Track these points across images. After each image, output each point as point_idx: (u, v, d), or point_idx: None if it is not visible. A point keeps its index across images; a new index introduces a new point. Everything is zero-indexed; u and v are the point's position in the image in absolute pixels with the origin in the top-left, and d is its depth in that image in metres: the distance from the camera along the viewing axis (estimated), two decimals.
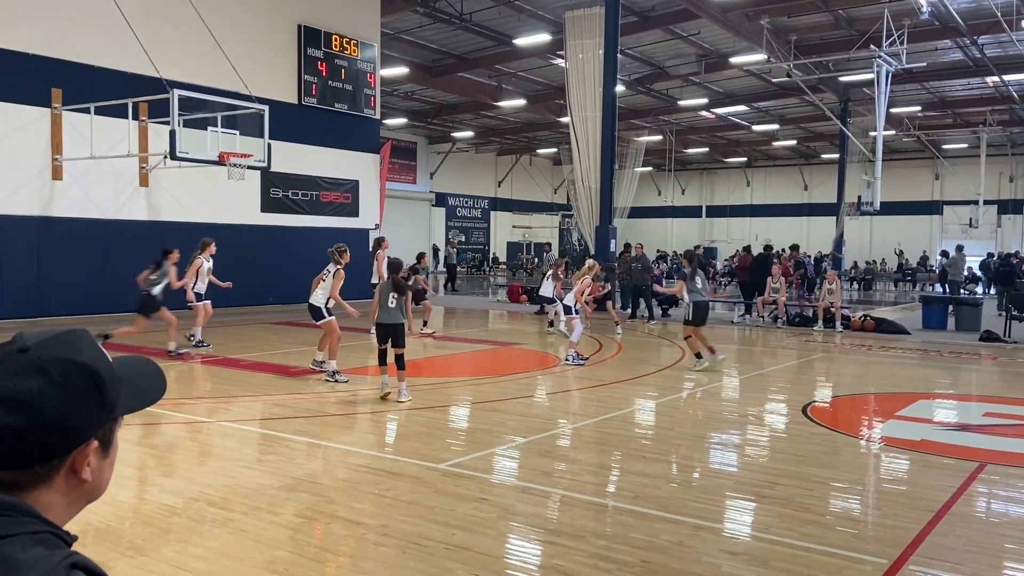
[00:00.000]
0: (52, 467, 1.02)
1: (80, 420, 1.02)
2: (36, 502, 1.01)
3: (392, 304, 8.61)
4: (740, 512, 5.41)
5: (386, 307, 8.66)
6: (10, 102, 14.41)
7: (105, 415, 1.06)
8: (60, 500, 1.04)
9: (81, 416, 1.02)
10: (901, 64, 21.22)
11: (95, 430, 1.05)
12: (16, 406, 0.97)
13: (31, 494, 1.01)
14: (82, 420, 1.03)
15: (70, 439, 1.02)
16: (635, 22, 22.45)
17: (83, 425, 1.03)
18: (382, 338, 8.83)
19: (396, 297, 8.61)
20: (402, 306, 8.64)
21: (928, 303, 18.29)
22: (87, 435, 1.04)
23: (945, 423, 8.46)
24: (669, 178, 47.79)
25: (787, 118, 36.01)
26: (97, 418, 1.05)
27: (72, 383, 1.01)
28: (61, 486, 1.03)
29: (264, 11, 18.65)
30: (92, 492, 1.08)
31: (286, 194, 19.46)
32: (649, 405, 9.12)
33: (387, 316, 8.66)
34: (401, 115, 35.48)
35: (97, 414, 1.05)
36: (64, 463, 1.03)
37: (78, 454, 1.04)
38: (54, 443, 1.01)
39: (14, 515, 0.95)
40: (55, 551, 0.95)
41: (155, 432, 7.07)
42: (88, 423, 1.04)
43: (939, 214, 43.90)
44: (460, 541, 4.56)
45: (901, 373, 11.62)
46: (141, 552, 4.35)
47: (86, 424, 1.03)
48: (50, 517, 1.01)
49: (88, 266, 15.58)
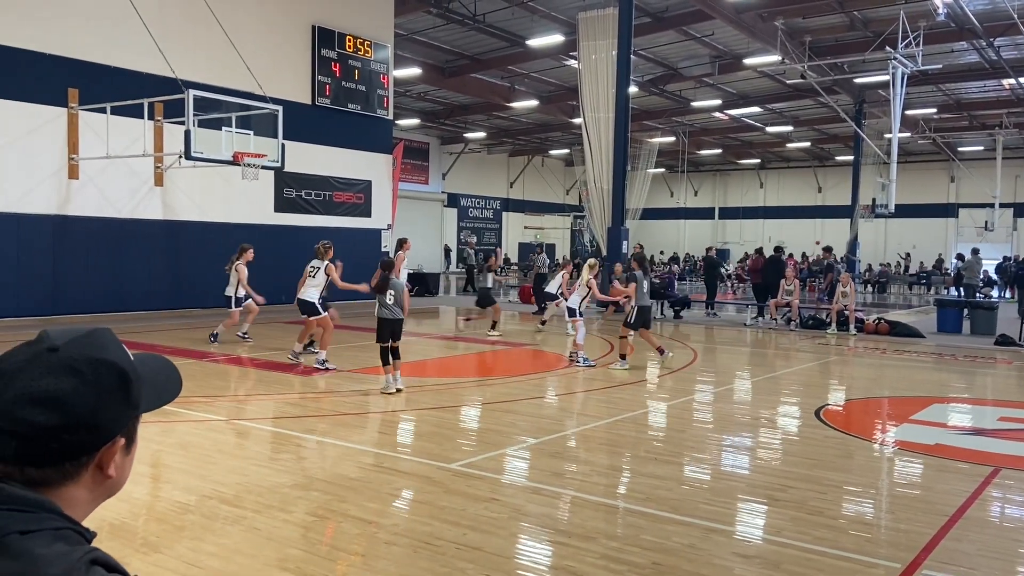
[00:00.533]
0: (80, 464, 1.03)
1: (109, 418, 1.04)
2: (62, 497, 1.02)
3: (390, 301, 8.88)
4: (752, 515, 5.39)
5: (385, 304, 8.90)
6: (27, 102, 14.54)
7: (131, 413, 1.08)
8: (85, 496, 1.06)
9: (110, 414, 1.04)
10: (917, 66, 21.09)
11: (122, 428, 1.07)
12: (49, 405, 0.99)
13: (58, 490, 1.02)
14: (111, 418, 1.05)
15: (99, 437, 1.04)
16: (648, 23, 22.41)
17: (112, 423, 1.05)
18: (384, 335, 8.96)
19: (393, 294, 8.90)
20: (400, 302, 8.94)
21: (943, 306, 18.17)
22: (115, 432, 1.06)
23: (960, 427, 8.40)
24: (682, 180, 47.66)
25: (801, 120, 35.86)
26: (124, 416, 1.07)
27: (103, 382, 1.03)
28: (87, 482, 1.05)
29: (279, 12, 18.75)
30: (114, 487, 1.10)
31: (299, 194, 19.55)
32: (660, 407, 9.10)
33: (388, 312, 8.91)
34: (414, 116, 35.56)
35: (124, 412, 1.07)
36: (92, 460, 1.05)
37: (105, 451, 1.05)
38: (84, 441, 1.02)
39: (37, 511, 0.97)
40: (76, 547, 0.97)
41: (169, 430, 7.11)
42: (116, 421, 1.06)
43: (955, 217, 43.58)
44: (471, 541, 4.57)
45: (915, 377, 11.55)
46: (155, 549, 4.38)
47: (114, 422, 1.05)
48: (74, 512, 1.03)
49: (103, 265, 15.70)
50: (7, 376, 1.01)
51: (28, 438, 0.98)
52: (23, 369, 1.01)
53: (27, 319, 14.16)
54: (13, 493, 0.97)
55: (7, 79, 14.24)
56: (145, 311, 16.13)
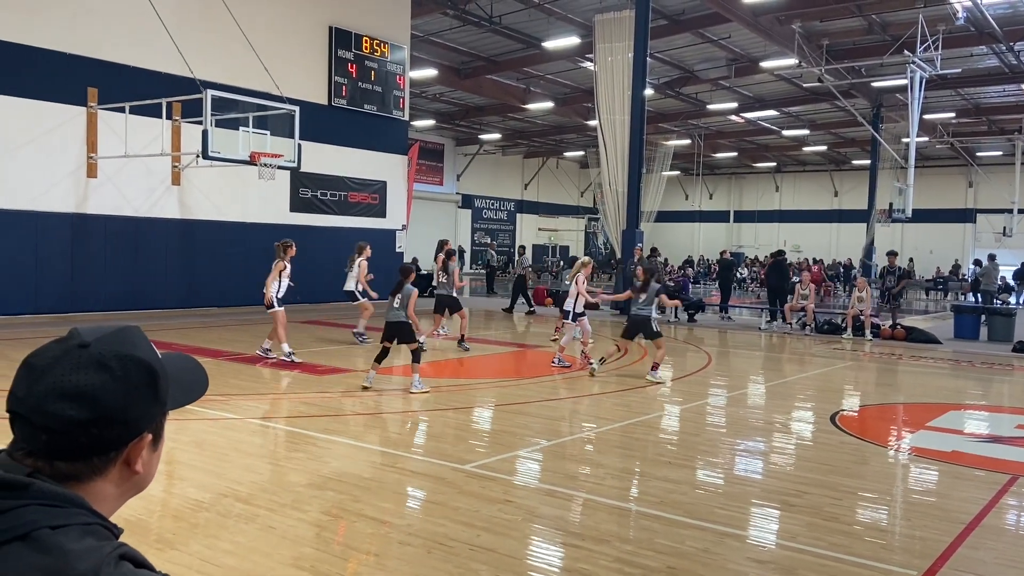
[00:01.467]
0: (109, 459, 1.05)
1: (138, 414, 1.06)
2: (90, 492, 1.04)
3: (396, 304, 9.01)
4: (767, 520, 5.37)
5: (391, 306, 9.05)
6: (48, 101, 14.69)
7: (158, 409, 1.10)
8: (113, 491, 1.08)
9: (139, 410, 1.06)
10: (935, 70, 20.95)
11: (150, 424, 1.09)
12: (80, 400, 1.00)
13: (87, 485, 1.04)
14: (140, 414, 1.06)
15: (128, 432, 1.06)
16: (665, 25, 22.38)
17: (140, 418, 1.07)
18: (387, 336, 9.12)
19: (400, 297, 9.00)
20: (405, 306, 8.98)
21: (960, 312, 18.02)
22: (143, 428, 1.08)
23: (976, 435, 8.33)
24: (697, 182, 47.52)
25: (818, 123, 35.67)
26: (152, 412, 1.09)
27: (131, 378, 1.05)
28: (115, 477, 1.07)
29: (296, 13, 18.85)
30: (141, 483, 1.12)
31: (315, 194, 19.63)
32: (674, 410, 9.08)
33: (392, 315, 9.05)
34: (429, 117, 35.64)
35: (152, 408, 1.09)
36: (120, 455, 1.06)
37: (133, 446, 1.07)
38: (113, 436, 1.04)
39: (67, 506, 0.98)
40: (105, 542, 0.98)
41: (185, 428, 7.16)
42: (144, 417, 1.07)
43: (972, 222, 43.25)
44: (485, 542, 4.57)
45: (932, 383, 11.46)
46: (171, 546, 4.41)
47: (143, 417, 1.07)
48: (102, 508, 1.04)
49: (120, 263, 15.82)
50: (38, 371, 1.02)
51: (58, 432, 1.00)
52: (54, 365, 1.02)
53: (45, 316, 14.30)
54: (43, 488, 0.98)
55: (29, 78, 14.39)
56: (162, 309, 16.24)
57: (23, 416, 1.01)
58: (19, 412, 1.02)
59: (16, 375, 1.04)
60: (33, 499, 0.96)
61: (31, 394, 1.01)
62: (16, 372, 1.05)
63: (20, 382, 1.03)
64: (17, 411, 1.02)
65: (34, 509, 0.96)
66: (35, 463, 1.01)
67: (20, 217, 14.44)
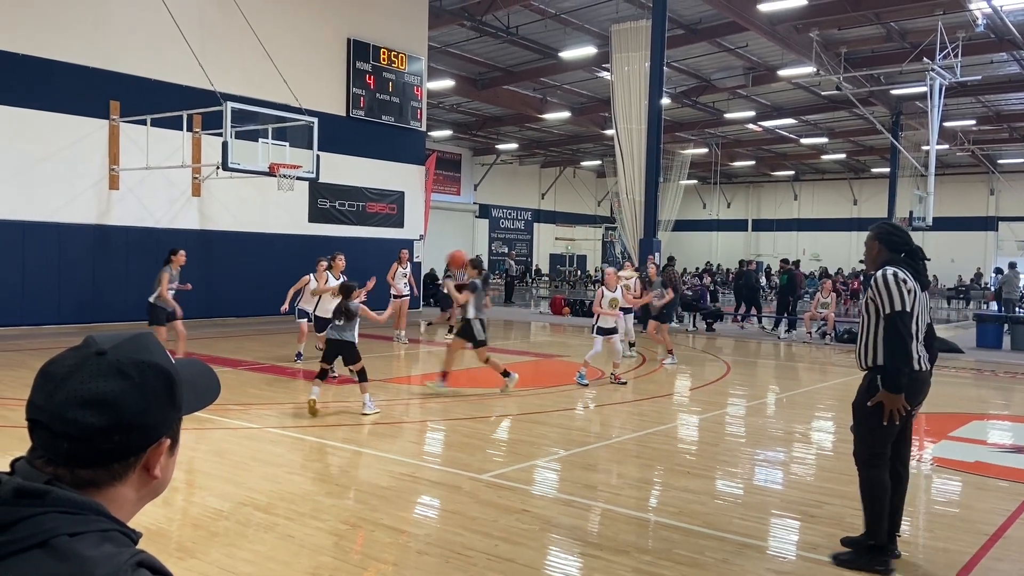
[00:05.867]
0: (128, 464, 1.07)
1: (156, 419, 1.08)
2: (110, 498, 1.05)
3: (340, 323, 8.48)
4: (787, 531, 5.32)
5: (335, 325, 8.52)
6: (71, 114, 14.89)
7: (175, 414, 1.12)
8: (132, 496, 1.09)
9: (157, 415, 1.08)
10: (955, 77, 20.79)
11: (168, 429, 1.10)
12: (101, 407, 1.02)
13: (106, 491, 1.05)
14: (158, 419, 1.08)
15: (147, 437, 1.07)
16: (682, 35, 22.37)
17: (159, 424, 1.08)
18: (330, 356, 8.64)
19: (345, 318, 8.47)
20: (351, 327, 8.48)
21: (983, 321, 17.82)
22: (161, 433, 1.09)
23: (1000, 445, 8.22)
24: (714, 191, 47.37)
25: (836, 131, 35.47)
26: (169, 417, 1.10)
27: (149, 384, 1.06)
28: (134, 483, 1.08)
29: (314, 25, 19.02)
30: (159, 488, 1.13)
31: (333, 204, 19.76)
32: (692, 420, 9.03)
33: (336, 333, 8.52)
34: (446, 127, 35.78)
35: (170, 413, 1.10)
36: (140, 460, 1.08)
37: (152, 452, 1.09)
38: (133, 442, 1.06)
39: (85, 514, 0.99)
40: (123, 549, 0.99)
41: (205, 437, 7.21)
42: (163, 422, 1.09)
43: (994, 230, 42.78)
44: (503, 552, 4.57)
45: (954, 393, 11.33)
46: (191, 554, 4.44)
47: (161, 423, 1.09)
48: (120, 513, 1.06)
49: (141, 273, 15.93)
50: (56, 380, 1.03)
51: (79, 439, 1.01)
52: (72, 373, 1.03)
53: (68, 327, 14.46)
54: (61, 495, 0.99)
55: (52, 92, 14.61)
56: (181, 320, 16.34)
57: (43, 424, 1.02)
58: (39, 420, 1.03)
59: (34, 384, 1.06)
60: (52, 506, 0.97)
61: (51, 402, 1.02)
62: (34, 381, 1.06)
63: (39, 390, 1.04)
64: (38, 419, 1.03)
65: (53, 516, 0.97)
66: (55, 470, 1.02)
67: (44, 228, 14.63)
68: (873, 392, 4.45)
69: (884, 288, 4.44)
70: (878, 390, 4.42)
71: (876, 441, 4.50)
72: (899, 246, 4.64)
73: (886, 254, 4.63)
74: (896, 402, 4.36)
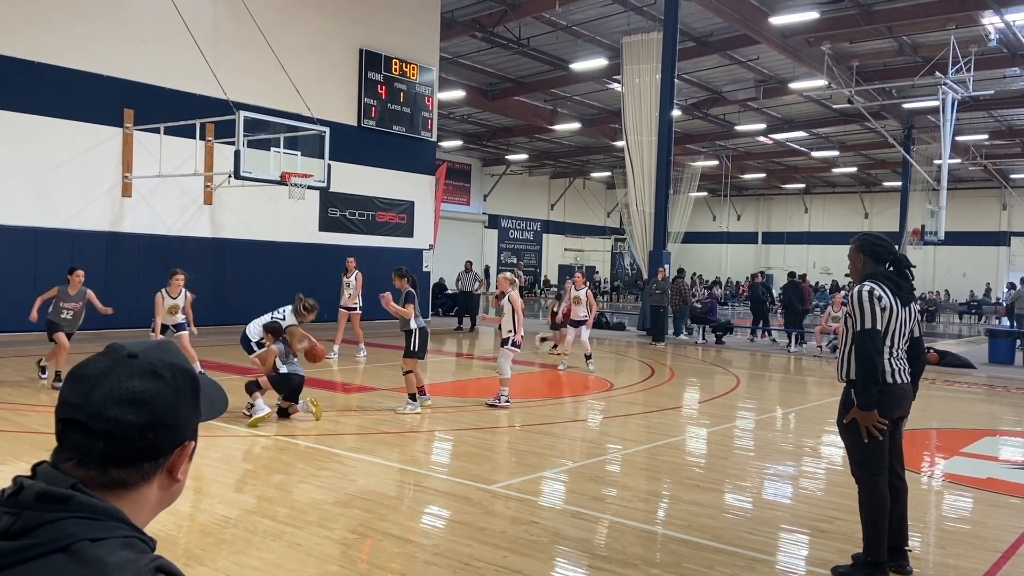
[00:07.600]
0: (157, 465, 1.09)
1: (185, 420, 1.11)
2: (136, 499, 1.07)
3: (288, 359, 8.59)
4: (797, 546, 5.28)
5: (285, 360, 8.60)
6: (85, 121, 15.02)
7: (198, 418, 1.15)
8: (155, 498, 1.11)
9: (186, 416, 1.11)
10: (967, 91, 20.74)
11: (192, 432, 1.14)
12: (139, 404, 1.05)
13: (134, 492, 1.07)
14: (187, 420, 1.12)
15: (176, 437, 1.10)
16: (693, 47, 22.41)
17: (187, 424, 1.12)
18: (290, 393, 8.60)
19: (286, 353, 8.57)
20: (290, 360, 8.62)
21: (995, 336, 17.70)
22: (188, 435, 1.12)
23: (1013, 461, 8.15)
24: (725, 203, 47.33)
25: (848, 145, 35.42)
26: (194, 420, 1.14)
27: (180, 385, 1.10)
28: (158, 485, 1.11)
29: (327, 36, 19.14)
30: (176, 493, 1.16)
31: (343, 214, 19.82)
32: (701, 433, 8.99)
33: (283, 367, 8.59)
34: (457, 137, 35.91)
35: (195, 417, 1.14)
36: (167, 461, 1.10)
37: (178, 454, 1.11)
38: (165, 441, 1.09)
39: (107, 520, 1.01)
40: (142, 555, 1.01)
41: (213, 444, 7.22)
42: (188, 423, 1.12)
43: (1006, 245, 42.57)
44: (511, 564, 4.55)
45: (966, 408, 11.24)
46: (199, 561, 4.44)
47: (187, 424, 1.12)
48: (140, 517, 1.08)
49: (153, 280, 16.02)
50: (91, 380, 1.06)
51: (117, 437, 1.03)
52: (107, 374, 1.06)
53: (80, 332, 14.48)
54: (84, 501, 1.01)
55: (67, 99, 14.74)
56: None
57: (80, 423, 1.04)
58: (76, 419, 1.04)
59: (66, 385, 1.07)
60: (74, 512, 0.99)
61: (88, 401, 1.04)
62: (64, 382, 1.08)
63: (73, 391, 1.06)
64: (74, 418, 1.04)
65: (75, 522, 0.98)
66: (86, 472, 1.04)
67: (57, 235, 14.74)
68: (850, 407, 4.47)
69: (858, 305, 4.53)
70: (854, 404, 4.44)
71: (864, 456, 4.50)
72: (884, 256, 4.69)
73: (871, 266, 4.69)
74: (869, 418, 4.37)
